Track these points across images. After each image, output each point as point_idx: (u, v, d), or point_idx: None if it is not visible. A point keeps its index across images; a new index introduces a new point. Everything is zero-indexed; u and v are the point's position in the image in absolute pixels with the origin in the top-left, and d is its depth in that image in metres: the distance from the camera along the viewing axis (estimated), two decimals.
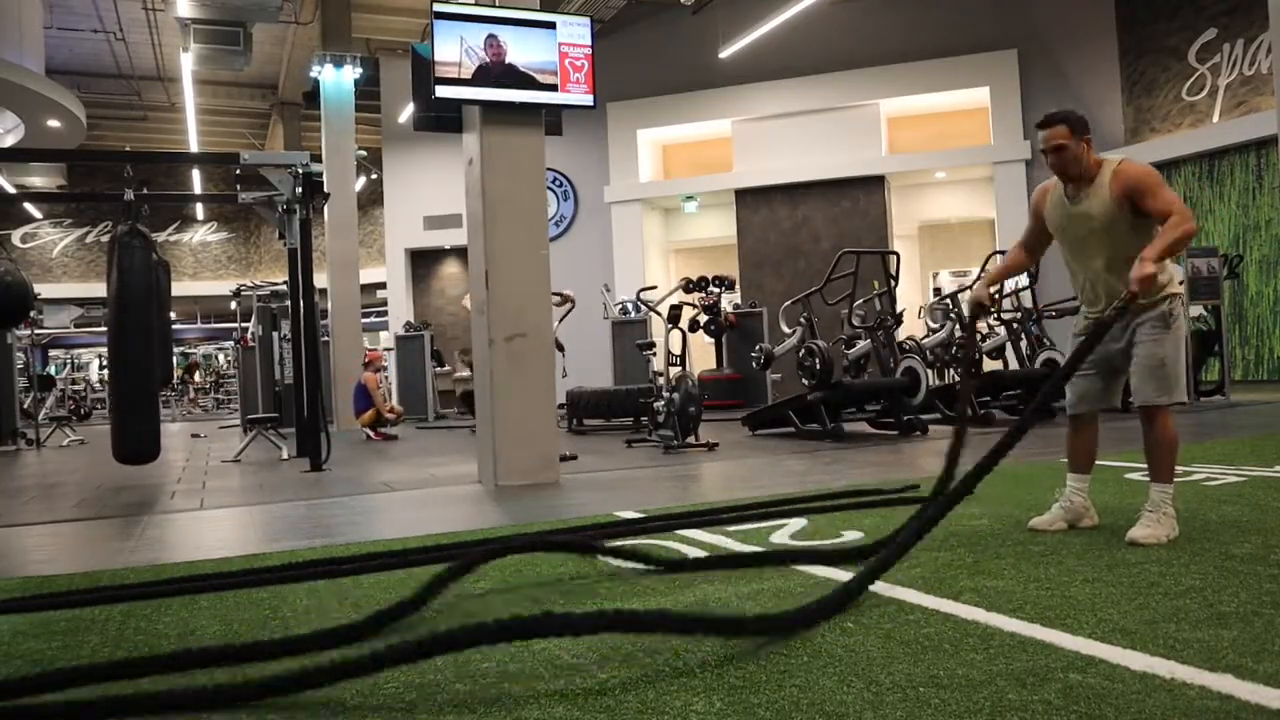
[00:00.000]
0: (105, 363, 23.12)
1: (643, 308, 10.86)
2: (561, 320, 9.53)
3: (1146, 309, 3.30)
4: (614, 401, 10.61)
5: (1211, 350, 10.24)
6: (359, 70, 13.73)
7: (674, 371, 8.18)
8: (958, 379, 9.42)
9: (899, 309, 8.93)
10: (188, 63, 13.85)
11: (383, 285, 19.60)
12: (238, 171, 8.51)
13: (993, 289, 3.72)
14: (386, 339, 19.12)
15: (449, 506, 5.29)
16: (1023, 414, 3.39)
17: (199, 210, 26.77)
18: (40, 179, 22.18)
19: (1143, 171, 3.29)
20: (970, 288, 10.07)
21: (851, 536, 3.59)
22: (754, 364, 10.13)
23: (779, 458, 6.82)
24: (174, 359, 15.76)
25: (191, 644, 2.53)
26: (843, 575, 2.97)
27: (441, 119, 6.25)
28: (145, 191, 7.45)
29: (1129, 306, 3.22)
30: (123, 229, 6.14)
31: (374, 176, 21.54)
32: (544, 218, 6.19)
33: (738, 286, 14.97)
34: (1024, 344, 9.34)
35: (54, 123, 14.45)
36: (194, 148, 20.61)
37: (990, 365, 10.02)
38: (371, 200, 23.57)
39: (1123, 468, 5.10)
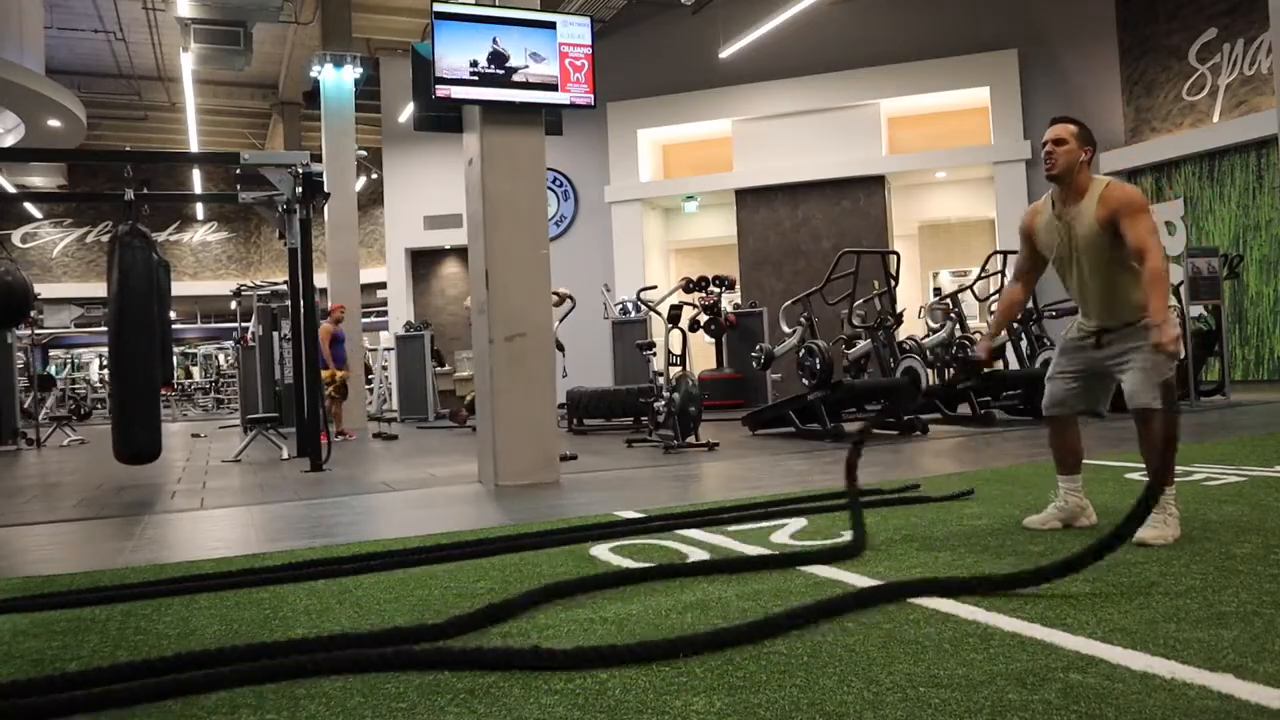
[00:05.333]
0: (106, 362, 23.14)
1: (643, 307, 10.86)
2: (562, 320, 9.53)
3: (1137, 322, 3.31)
4: (614, 401, 10.61)
5: (1211, 350, 10.24)
6: (359, 70, 13.73)
7: (674, 371, 8.18)
8: (957, 379, 9.40)
9: (899, 309, 8.93)
10: (188, 62, 13.86)
11: (383, 285, 19.61)
12: (238, 171, 8.51)
13: (994, 343, 3.79)
14: (386, 339, 19.13)
15: (449, 506, 5.29)
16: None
17: (199, 210, 26.78)
18: (40, 179, 22.20)
19: (1127, 195, 3.30)
20: (970, 288, 10.12)
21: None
22: (754, 364, 10.13)
23: (779, 458, 6.82)
24: (174, 359, 15.76)
25: (192, 644, 2.54)
26: (841, 575, 2.97)
27: (441, 119, 6.25)
28: (145, 191, 7.46)
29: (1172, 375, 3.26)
30: (123, 229, 6.14)
31: (374, 176, 21.55)
32: (544, 218, 6.19)
33: (738, 286, 14.97)
34: (1024, 344, 9.34)
35: (54, 122, 14.46)
36: (194, 148, 20.61)
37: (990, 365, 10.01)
38: (371, 200, 23.58)
39: (1122, 468, 5.10)
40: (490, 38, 5.91)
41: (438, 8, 5.82)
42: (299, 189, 7.59)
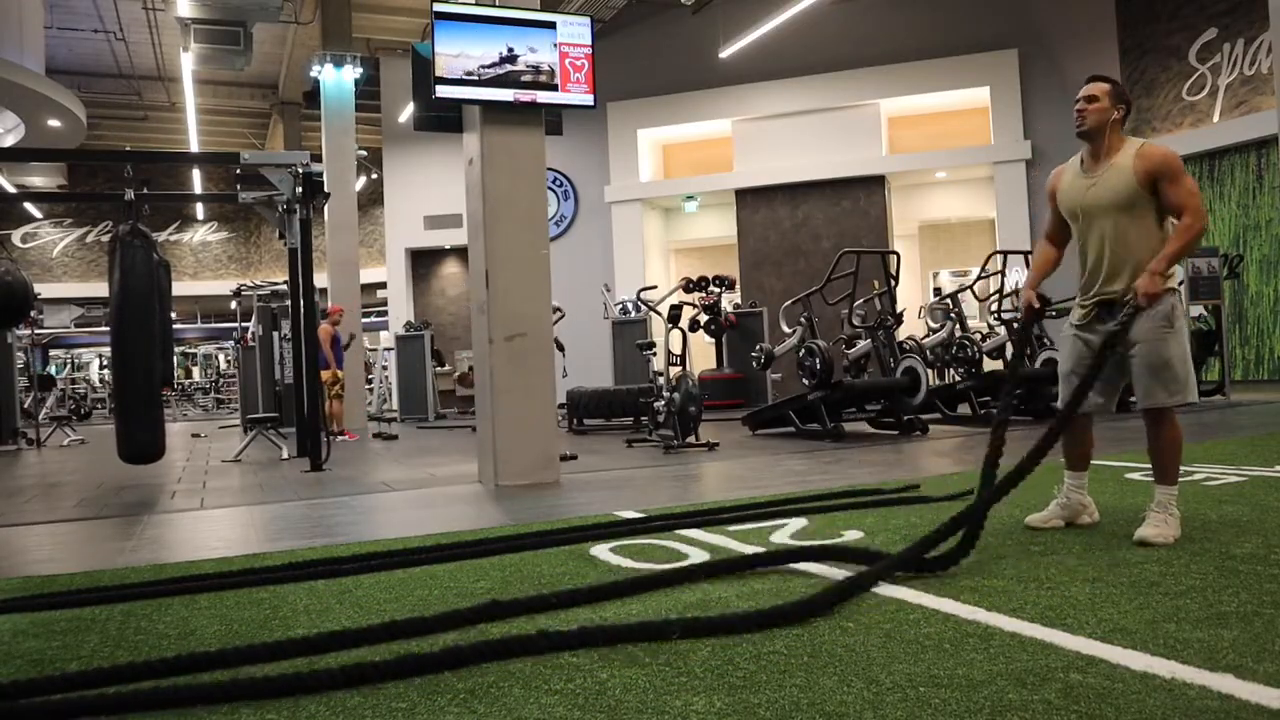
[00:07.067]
0: (107, 362, 23.16)
1: (643, 307, 10.86)
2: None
3: (1150, 307, 3.28)
4: (614, 401, 10.61)
5: (1211, 350, 10.24)
6: (359, 70, 13.73)
7: (674, 371, 8.18)
8: (959, 380, 9.41)
9: (899, 309, 8.92)
10: (188, 62, 13.85)
11: (383, 285, 19.61)
12: (238, 171, 8.51)
13: (1036, 291, 3.65)
14: (386, 339, 19.13)
15: (449, 506, 5.29)
16: (1042, 438, 3.29)
17: (199, 210, 26.78)
18: (40, 179, 22.18)
19: (1167, 155, 3.30)
20: (970, 288, 10.12)
21: (852, 536, 3.59)
22: (754, 364, 10.12)
23: (779, 458, 6.81)
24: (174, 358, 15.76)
25: (192, 644, 2.54)
26: (842, 575, 2.97)
27: (441, 119, 6.25)
28: (146, 191, 7.46)
29: (1135, 316, 3.23)
30: (124, 229, 6.15)
31: (374, 176, 21.55)
32: (544, 218, 6.19)
33: (738, 286, 14.97)
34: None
35: (54, 122, 14.45)
36: (194, 148, 20.61)
37: (990, 365, 10.01)
38: (371, 200, 23.58)
39: (1123, 468, 5.10)
40: (491, 38, 5.91)
41: (437, 8, 5.82)
42: (299, 189, 7.59)
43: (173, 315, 10.00)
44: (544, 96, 6.05)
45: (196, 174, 24.39)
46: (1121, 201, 3.29)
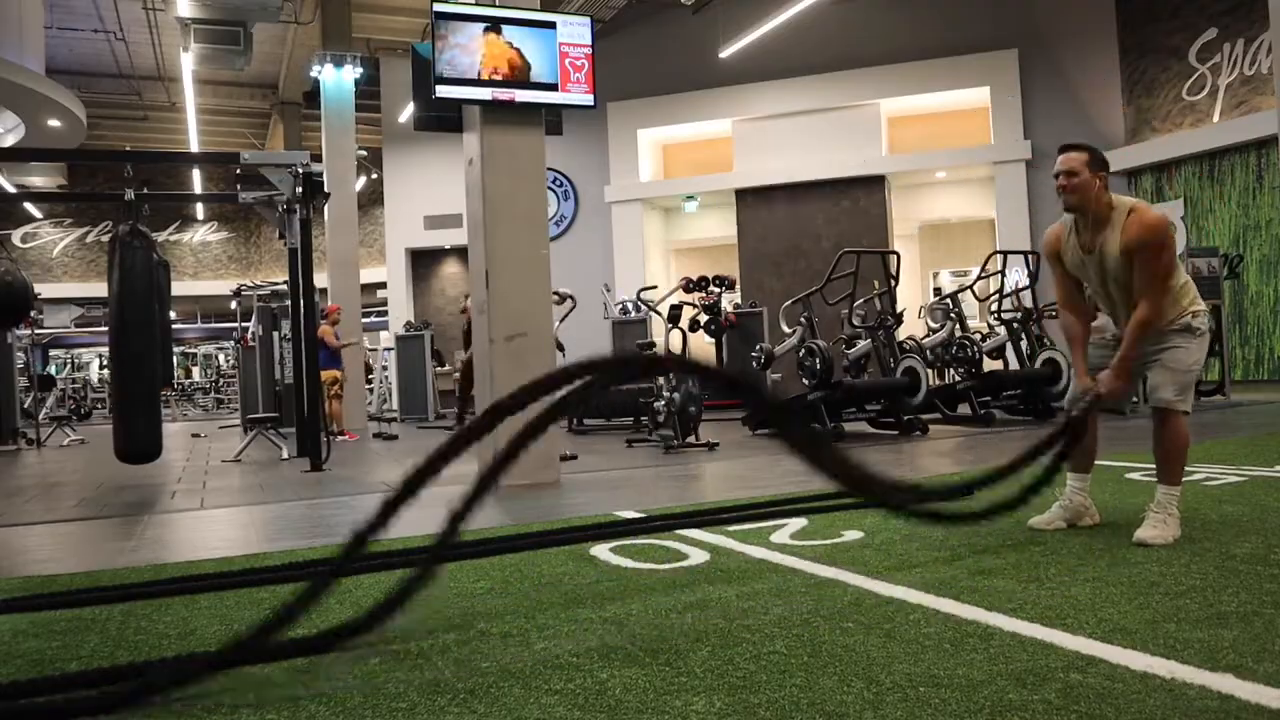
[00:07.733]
0: (106, 362, 23.14)
1: (643, 307, 10.85)
2: (562, 320, 9.53)
3: (1168, 327, 3.32)
4: (614, 401, 10.61)
5: (1211, 350, 10.22)
6: (359, 70, 13.73)
7: None
8: (959, 380, 9.40)
9: (899, 309, 8.92)
10: (188, 62, 13.85)
11: (383, 285, 19.61)
12: (238, 171, 8.51)
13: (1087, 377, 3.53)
14: (386, 339, 19.13)
15: (449, 506, 5.28)
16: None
17: (199, 210, 26.76)
18: (40, 179, 22.18)
19: (1145, 230, 3.22)
20: (970, 288, 10.11)
21: (852, 536, 3.60)
22: (754, 364, 10.12)
23: (779, 458, 6.80)
24: (174, 358, 15.75)
25: (192, 644, 2.54)
26: (842, 575, 2.97)
27: (441, 119, 6.25)
28: (146, 191, 7.45)
29: (1094, 406, 3.40)
30: (123, 229, 6.14)
31: (374, 176, 21.55)
32: (544, 218, 6.19)
33: (738, 286, 14.96)
34: (1024, 344, 9.34)
35: (54, 122, 14.44)
36: (194, 148, 20.60)
37: (990, 365, 10.01)
38: (372, 200, 23.57)
39: (1123, 467, 5.10)
40: (491, 37, 5.90)
41: (438, 7, 5.82)
42: (299, 189, 7.58)
43: (172, 315, 10.00)
44: (544, 97, 6.05)
45: (196, 174, 24.38)
46: (1122, 278, 3.34)
